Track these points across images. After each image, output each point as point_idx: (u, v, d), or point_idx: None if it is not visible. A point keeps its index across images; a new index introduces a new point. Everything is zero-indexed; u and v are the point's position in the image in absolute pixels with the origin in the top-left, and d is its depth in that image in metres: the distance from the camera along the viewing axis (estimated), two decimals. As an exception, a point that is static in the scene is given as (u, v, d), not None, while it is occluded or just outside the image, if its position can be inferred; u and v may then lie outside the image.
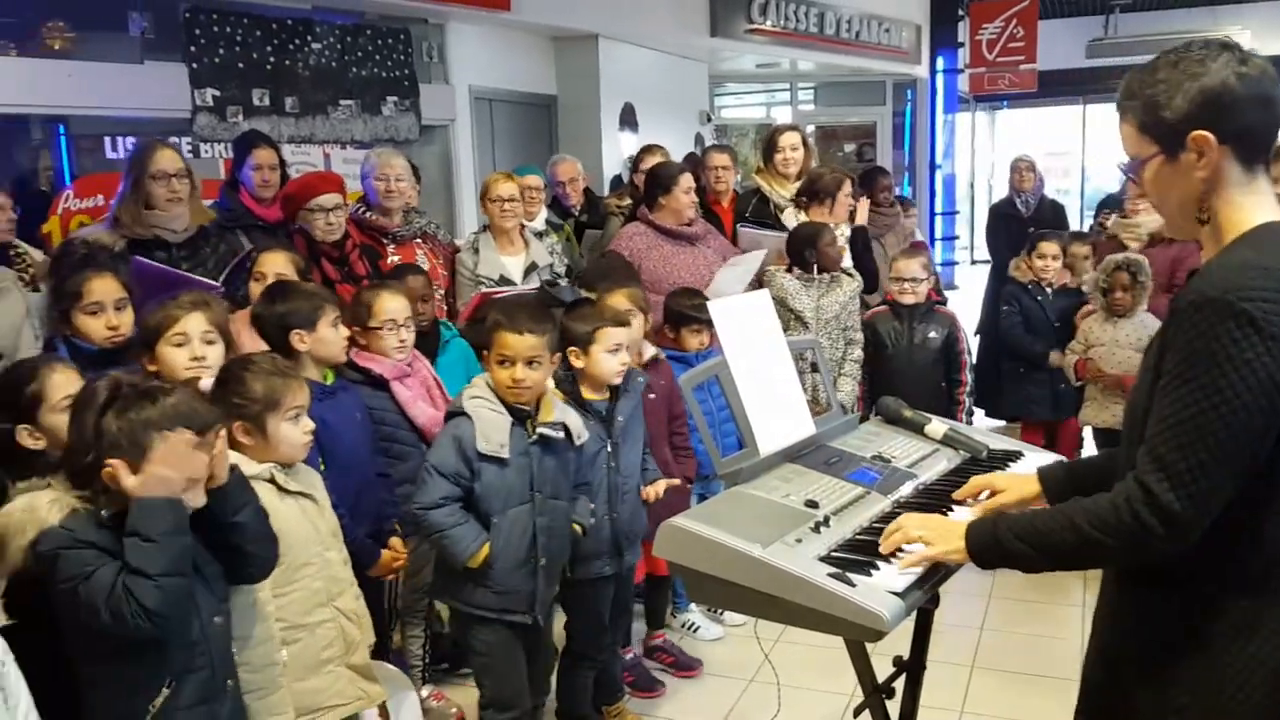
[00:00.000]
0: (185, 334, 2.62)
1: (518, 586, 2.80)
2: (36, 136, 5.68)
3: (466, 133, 7.49)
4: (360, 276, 3.92)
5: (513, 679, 2.88)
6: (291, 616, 2.35)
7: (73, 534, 1.90)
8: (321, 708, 2.38)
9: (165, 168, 3.57)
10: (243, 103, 5.96)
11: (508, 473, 2.74)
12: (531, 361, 2.74)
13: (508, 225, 4.40)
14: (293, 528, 2.35)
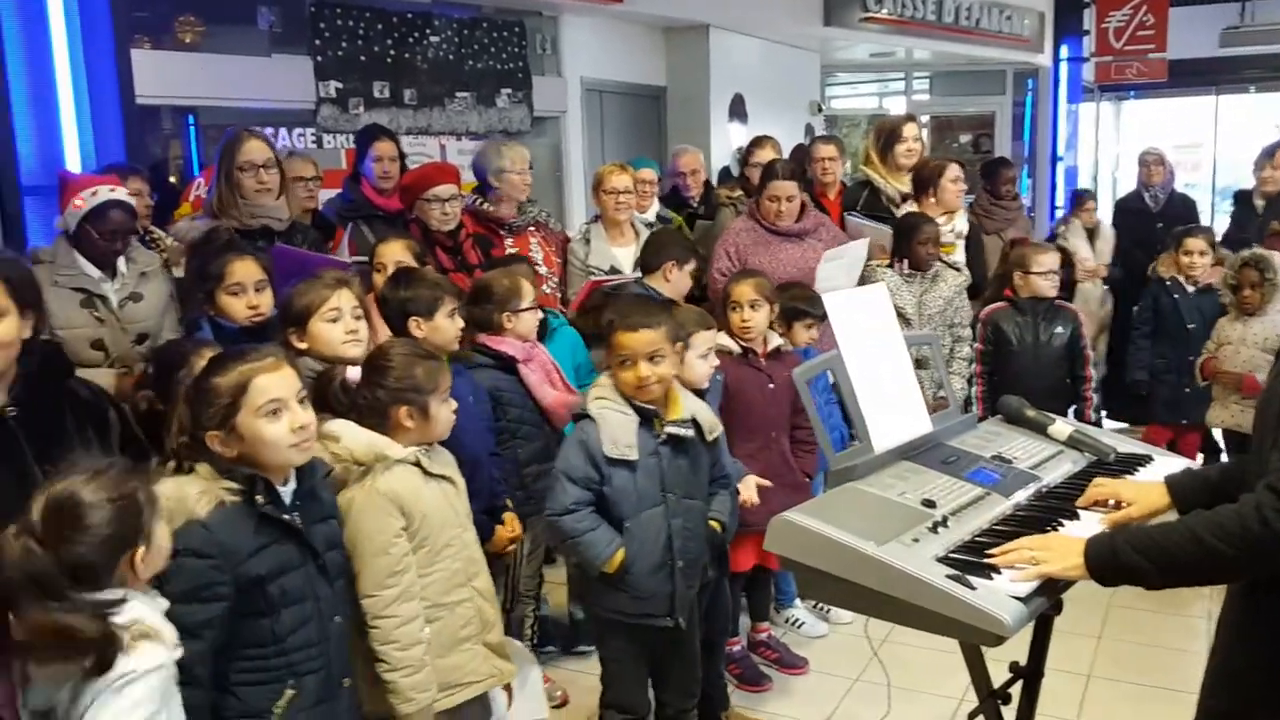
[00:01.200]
0: (338, 309, 2.70)
1: (656, 590, 2.76)
2: (167, 127, 5.92)
3: (577, 124, 7.55)
4: (473, 265, 3.99)
5: (637, 686, 2.89)
6: (433, 596, 2.39)
7: (211, 536, 1.91)
8: (459, 684, 2.43)
9: (253, 158, 3.59)
10: (364, 95, 6.12)
11: (638, 475, 2.71)
12: (653, 356, 2.70)
13: (620, 218, 4.42)
14: (435, 510, 2.40)
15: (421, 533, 2.38)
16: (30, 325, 2.10)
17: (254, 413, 1.98)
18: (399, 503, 2.33)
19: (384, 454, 2.34)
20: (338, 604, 2.15)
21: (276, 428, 2.00)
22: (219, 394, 1.98)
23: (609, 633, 2.85)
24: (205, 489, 1.95)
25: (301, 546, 2.06)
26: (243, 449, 2.00)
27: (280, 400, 2.01)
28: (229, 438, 1.99)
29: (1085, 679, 3.67)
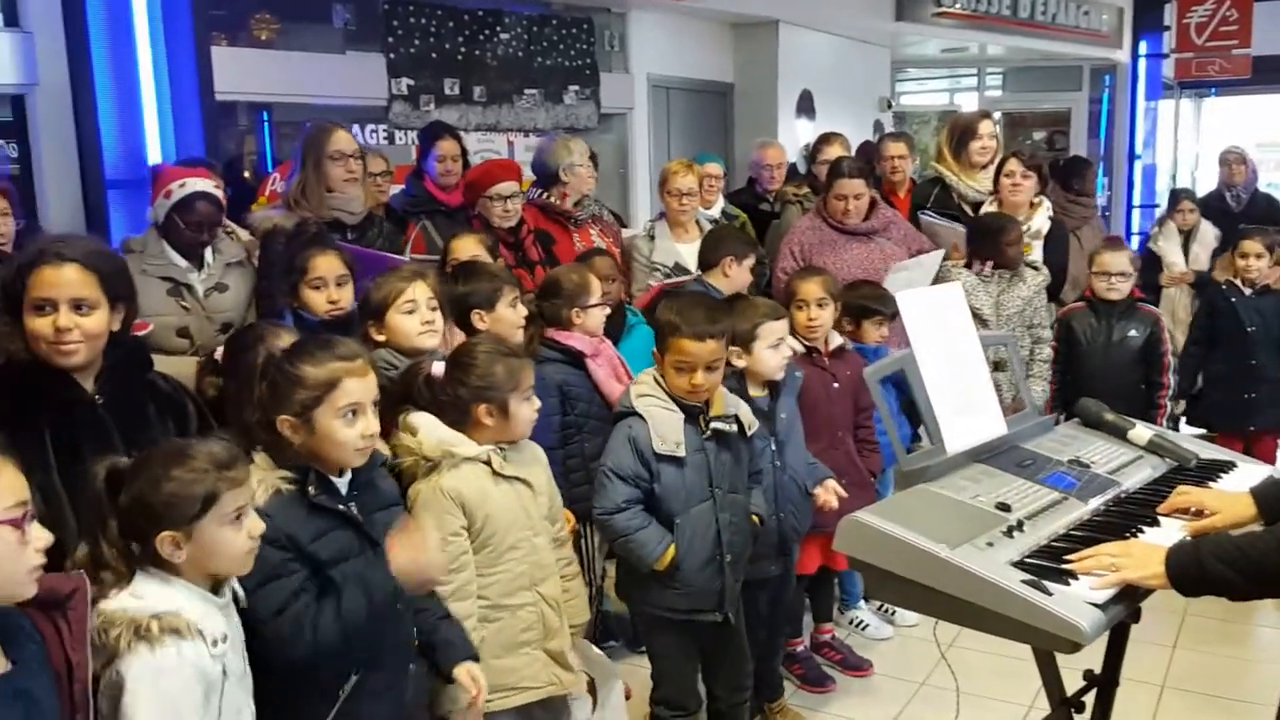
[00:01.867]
0: (414, 301, 2.73)
1: (706, 585, 2.76)
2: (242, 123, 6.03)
3: (643, 120, 7.55)
4: (534, 262, 4.02)
5: (687, 682, 2.88)
6: (494, 596, 2.40)
7: (271, 522, 1.91)
8: (515, 688, 2.43)
9: (342, 148, 3.68)
10: (434, 91, 6.19)
11: (686, 471, 2.71)
12: (711, 366, 2.71)
13: (684, 217, 4.43)
14: (502, 511, 2.40)
15: (485, 533, 2.39)
16: (119, 318, 2.15)
17: (334, 412, 2.00)
18: (461, 501, 2.35)
19: (452, 452, 2.36)
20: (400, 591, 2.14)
21: (350, 431, 2.02)
22: (306, 384, 2.00)
23: (657, 629, 2.85)
24: (262, 478, 1.98)
25: (360, 534, 2.08)
26: (309, 441, 2.02)
27: (360, 405, 2.03)
28: (301, 426, 2.01)
29: (1159, 689, 3.58)
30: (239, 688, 1.80)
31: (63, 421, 2.06)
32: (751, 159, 5.69)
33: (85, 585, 1.64)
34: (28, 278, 2.04)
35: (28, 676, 1.51)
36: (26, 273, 2.04)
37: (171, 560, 1.74)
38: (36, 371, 2.08)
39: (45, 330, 2.03)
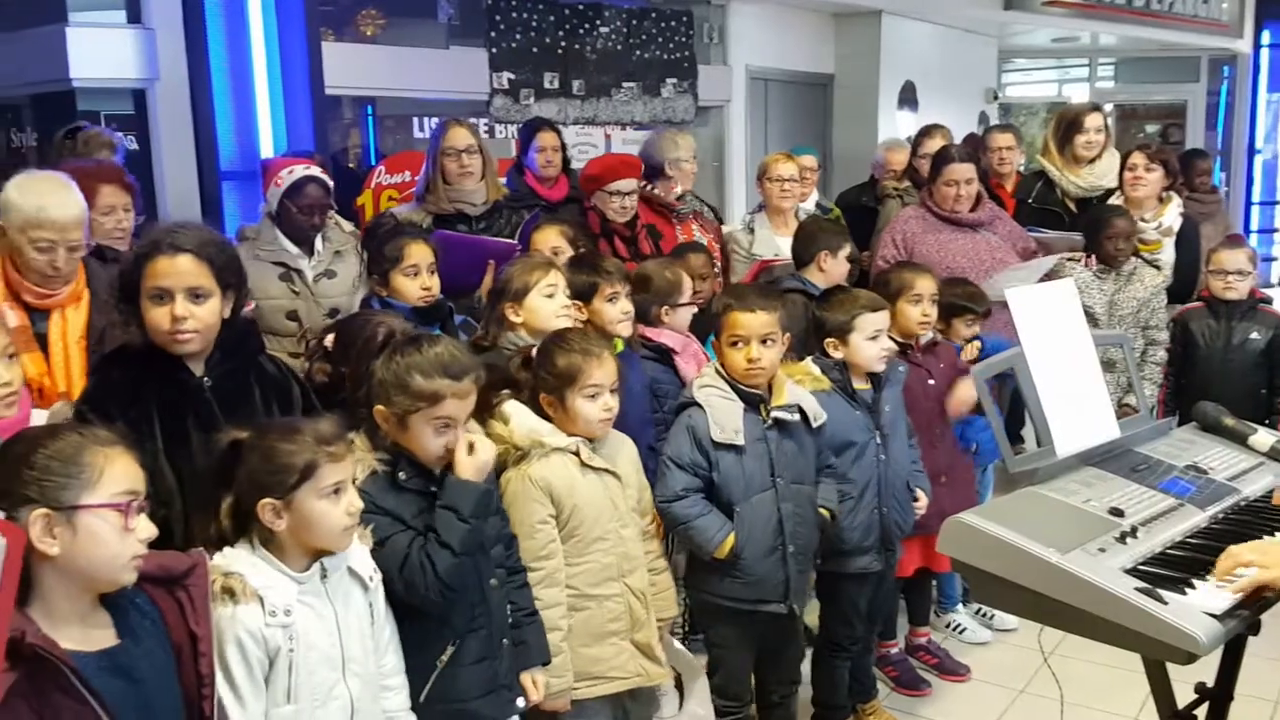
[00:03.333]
0: (555, 285, 2.80)
1: (768, 575, 2.75)
2: (347, 116, 6.18)
3: (741, 113, 7.51)
4: (646, 256, 4.02)
5: (742, 673, 2.87)
6: (581, 586, 2.43)
7: (370, 498, 2.02)
8: (601, 677, 2.45)
9: (455, 144, 3.81)
10: (534, 86, 6.25)
11: (746, 460, 2.70)
12: (765, 339, 2.70)
13: (785, 205, 4.39)
14: (590, 502, 2.43)
15: (572, 523, 2.41)
16: (230, 305, 2.22)
17: (428, 421, 2.09)
18: (549, 491, 2.38)
19: (541, 441, 2.39)
20: (493, 568, 2.22)
21: (437, 441, 2.11)
22: (411, 391, 2.08)
23: (716, 619, 2.84)
24: (360, 458, 2.06)
25: None
26: (401, 436, 2.11)
27: (453, 420, 2.12)
28: (396, 423, 2.10)
29: (1273, 705, 3.42)
30: (327, 666, 1.86)
31: (171, 403, 2.13)
32: (876, 158, 5.64)
33: (204, 560, 1.71)
34: (144, 267, 2.11)
35: (133, 652, 1.56)
36: (143, 262, 2.12)
37: (273, 528, 1.83)
38: (148, 355, 2.16)
39: (162, 319, 2.10)
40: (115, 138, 4.04)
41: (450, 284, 3.22)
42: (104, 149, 3.83)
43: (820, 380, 2.96)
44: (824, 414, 2.86)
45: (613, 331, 3.06)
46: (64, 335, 2.66)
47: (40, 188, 2.69)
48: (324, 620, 1.87)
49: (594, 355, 2.44)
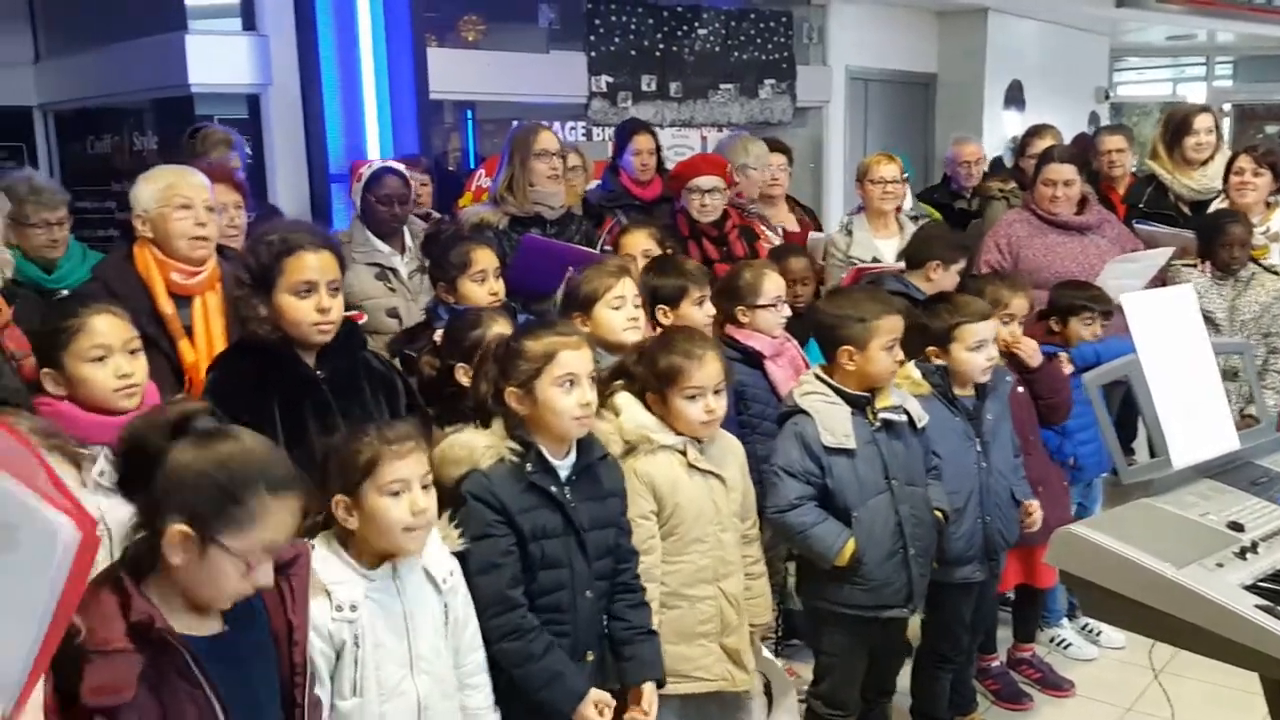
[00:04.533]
0: (623, 297, 2.79)
1: (890, 579, 2.69)
2: (448, 120, 6.30)
3: (840, 114, 7.44)
4: (738, 258, 4.00)
5: (852, 683, 2.83)
6: (674, 584, 2.42)
7: (489, 485, 2.09)
8: (688, 676, 2.44)
9: (548, 147, 3.83)
10: (632, 88, 6.29)
11: (858, 463, 2.66)
12: (892, 346, 2.68)
13: (886, 208, 4.32)
14: (692, 502, 2.42)
15: (672, 521, 2.41)
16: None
17: (552, 381, 2.13)
18: (652, 486, 2.38)
19: (649, 438, 2.40)
20: (592, 580, 2.22)
21: (567, 399, 2.14)
22: (527, 357, 2.15)
23: (830, 627, 2.79)
24: (492, 444, 2.13)
25: (565, 518, 2.17)
26: (534, 411, 2.15)
27: (576, 375, 2.15)
28: (525, 398, 2.15)
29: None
30: (394, 663, 1.89)
31: (290, 396, 2.21)
32: (947, 155, 5.51)
33: (307, 551, 1.75)
34: (284, 262, 2.19)
35: (239, 639, 1.60)
36: (284, 257, 2.20)
37: (345, 525, 1.88)
38: (267, 350, 2.24)
39: (307, 312, 2.19)
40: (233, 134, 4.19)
41: (529, 287, 3.25)
42: (221, 145, 3.98)
43: (920, 385, 2.91)
44: (926, 415, 2.82)
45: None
46: (206, 319, 2.78)
47: (161, 171, 2.90)
48: (392, 618, 1.90)
49: (695, 357, 2.42)
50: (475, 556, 2.07)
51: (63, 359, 2.08)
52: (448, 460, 2.12)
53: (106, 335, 2.10)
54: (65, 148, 5.84)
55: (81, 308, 2.16)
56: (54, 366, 2.09)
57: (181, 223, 2.77)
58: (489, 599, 2.08)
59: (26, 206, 3.29)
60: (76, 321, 2.09)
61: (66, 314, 2.14)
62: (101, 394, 2.08)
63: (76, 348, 2.07)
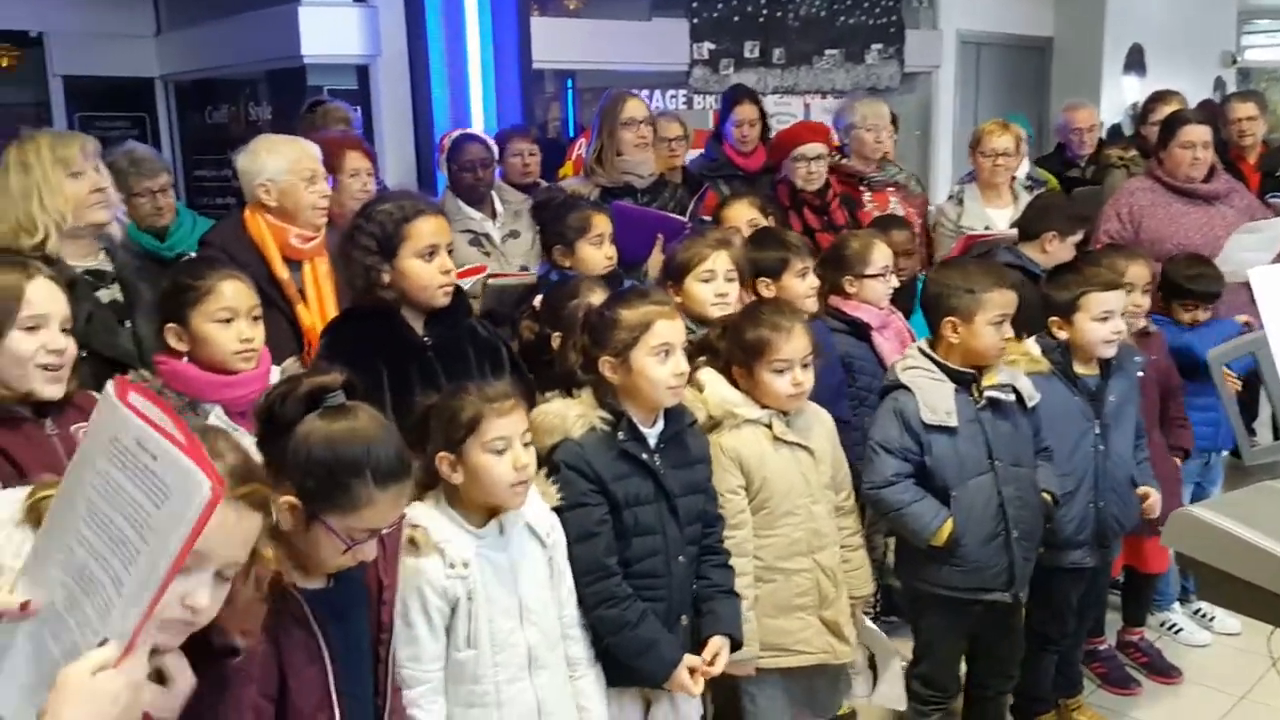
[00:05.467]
0: (713, 271, 2.78)
1: (990, 562, 2.64)
2: (549, 90, 6.31)
3: (950, 80, 7.23)
4: (839, 226, 3.95)
5: (951, 664, 2.79)
6: (768, 558, 2.43)
7: (582, 454, 2.13)
8: (785, 649, 2.44)
9: (635, 115, 3.85)
10: (734, 55, 6.20)
11: (959, 441, 2.60)
12: (1000, 322, 2.61)
13: (998, 179, 4.20)
14: (780, 476, 2.42)
15: (762, 495, 2.41)
16: None
17: (647, 350, 2.16)
18: (739, 461, 2.39)
19: (734, 412, 2.40)
20: (684, 546, 2.25)
21: (662, 369, 2.16)
22: (623, 325, 2.17)
23: (928, 608, 2.75)
24: (583, 413, 2.17)
25: (657, 485, 2.20)
26: (627, 380, 2.18)
27: (670, 344, 2.17)
28: (620, 366, 2.17)
29: None
30: (505, 616, 1.95)
31: (397, 361, 2.27)
32: (1059, 122, 5.34)
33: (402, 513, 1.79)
34: (406, 228, 2.27)
35: (341, 594, 1.68)
36: (406, 223, 2.27)
37: (450, 481, 1.93)
38: (376, 316, 2.31)
39: (433, 274, 2.28)
40: (350, 111, 4.29)
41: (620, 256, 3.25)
42: (340, 122, 4.08)
43: (1038, 362, 2.82)
44: (1037, 394, 2.74)
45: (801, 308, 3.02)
46: (317, 283, 2.90)
47: (280, 142, 3.03)
48: (501, 573, 1.96)
49: (783, 330, 2.41)
50: (570, 525, 2.11)
51: (189, 317, 2.17)
52: (540, 429, 2.15)
53: (234, 300, 2.19)
54: (184, 118, 6.05)
55: (209, 271, 2.25)
56: (180, 323, 2.18)
57: (310, 194, 2.90)
58: (585, 566, 2.11)
59: (129, 178, 3.43)
60: (206, 284, 2.18)
61: (195, 275, 2.23)
62: (222, 355, 2.17)
63: (205, 308, 2.16)
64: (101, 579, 1.10)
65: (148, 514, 1.07)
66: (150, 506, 1.07)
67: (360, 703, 1.70)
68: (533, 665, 1.99)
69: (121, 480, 1.09)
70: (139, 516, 1.08)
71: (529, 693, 1.98)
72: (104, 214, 2.66)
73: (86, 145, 2.66)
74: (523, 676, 1.97)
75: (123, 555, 1.08)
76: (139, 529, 1.07)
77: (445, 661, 1.92)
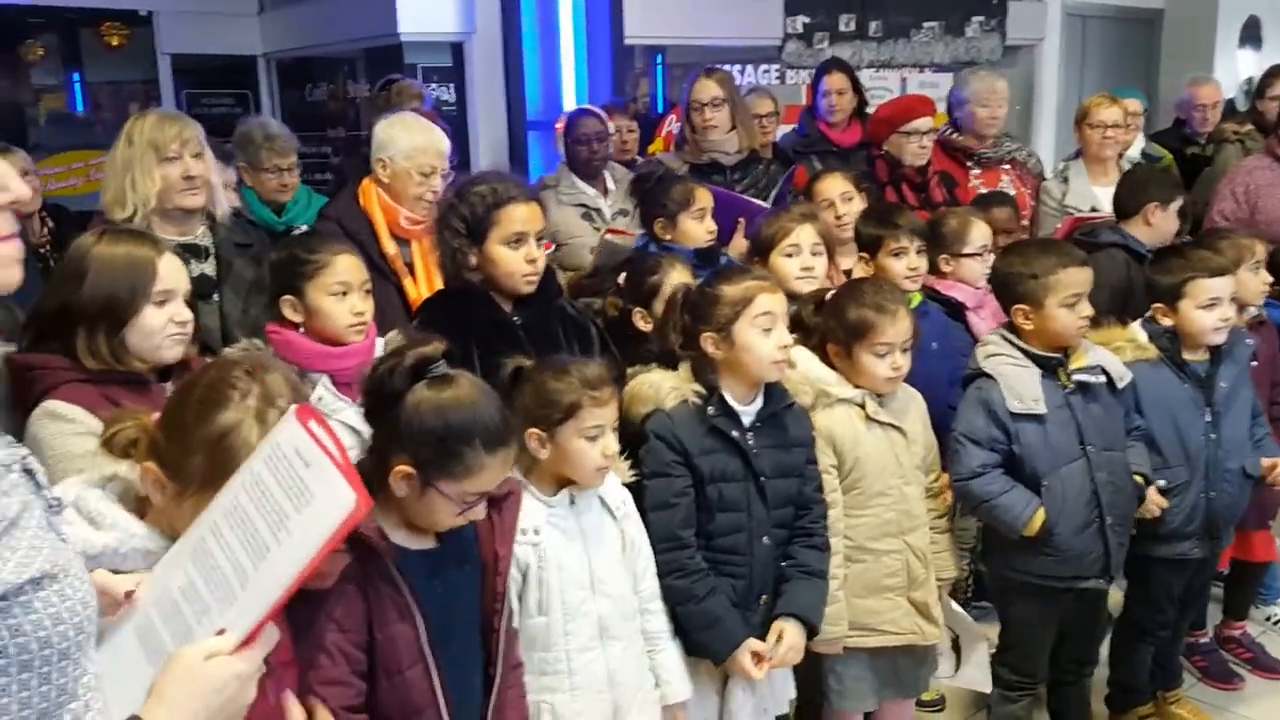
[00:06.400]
0: (797, 245, 2.76)
1: (1085, 550, 2.57)
2: (638, 65, 6.29)
3: (1054, 53, 7.01)
4: (937, 204, 3.86)
5: (1040, 652, 2.74)
6: (859, 538, 2.40)
7: (670, 425, 2.14)
8: (875, 629, 2.42)
9: (700, 97, 3.80)
10: (829, 29, 6.10)
11: (1049, 428, 2.53)
12: (1074, 302, 2.52)
13: (1106, 154, 4.06)
14: (873, 456, 2.39)
15: (854, 475, 2.38)
16: None
17: (751, 323, 2.16)
18: (832, 440, 2.36)
19: (827, 391, 2.38)
20: (770, 527, 2.23)
21: (766, 342, 2.17)
22: (725, 301, 2.17)
23: (1018, 595, 2.69)
24: (677, 385, 2.18)
25: (746, 464, 2.19)
26: (730, 355, 2.18)
27: (774, 317, 2.17)
28: (722, 341, 2.17)
29: None
30: (576, 585, 1.97)
31: (488, 340, 2.28)
32: (1181, 97, 5.12)
33: (519, 489, 1.87)
34: (496, 214, 2.27)
35: (449, 557, 1.73)
36: (495, 209, 2.28)
37: (536, 456, 1.96)
38: (467, 296, 2.34)
39: (518, 262, 2.28)
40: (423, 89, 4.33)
41: None
42: (414, 100, 4.13)
43: (1145, 349, 2.72)
44: (1128, 374, 2.65)
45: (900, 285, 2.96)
46: (425, 259, 2.92)
47: (417, 125, 3.01)
48: (572, 543, 1.99)
49: (888, 312, 2.37)
50: (651, 492, 2.13)
51: (305, 289, 2.22)
52: (635, 398, 2.17)
53: (348, 274, 2.24)
54: (285, 95, 6.19)
55: (323, 245, 2.31)
56: (295, 295, 2.24)
57: (418, 187, 2.91)
58: (659, 535, 2.13)
59: (261, 152, 3.52)
60: (322, 257, 2.23)
61: (310, 249, 2.28)
62: (336, 327, 2.22)
63: (321, 281, 2.22)
64: (227, 571, 1.13)
65: (286, 515, 1.10)
66: (290, 509, 1.10)
67: (462, 669, 1.74)
68: (604, 635, 2.01)
69: (270, 482, 1.13)
70: (277, 517, 1.11)
71: (600, 663, 2.00)
72: (193, 200, 2.66)
73: (185, 131, 2.65)
74: (594, 646, 1.99)
75: (253, 552, 1.12)
76: (274, 529, 1.11)
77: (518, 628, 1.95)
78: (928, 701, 3.03)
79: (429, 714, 1.66)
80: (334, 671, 1.59)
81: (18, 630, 0.94)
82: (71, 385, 1.86)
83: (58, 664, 0.97)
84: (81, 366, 1.87)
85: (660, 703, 2.11)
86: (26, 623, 0.95)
